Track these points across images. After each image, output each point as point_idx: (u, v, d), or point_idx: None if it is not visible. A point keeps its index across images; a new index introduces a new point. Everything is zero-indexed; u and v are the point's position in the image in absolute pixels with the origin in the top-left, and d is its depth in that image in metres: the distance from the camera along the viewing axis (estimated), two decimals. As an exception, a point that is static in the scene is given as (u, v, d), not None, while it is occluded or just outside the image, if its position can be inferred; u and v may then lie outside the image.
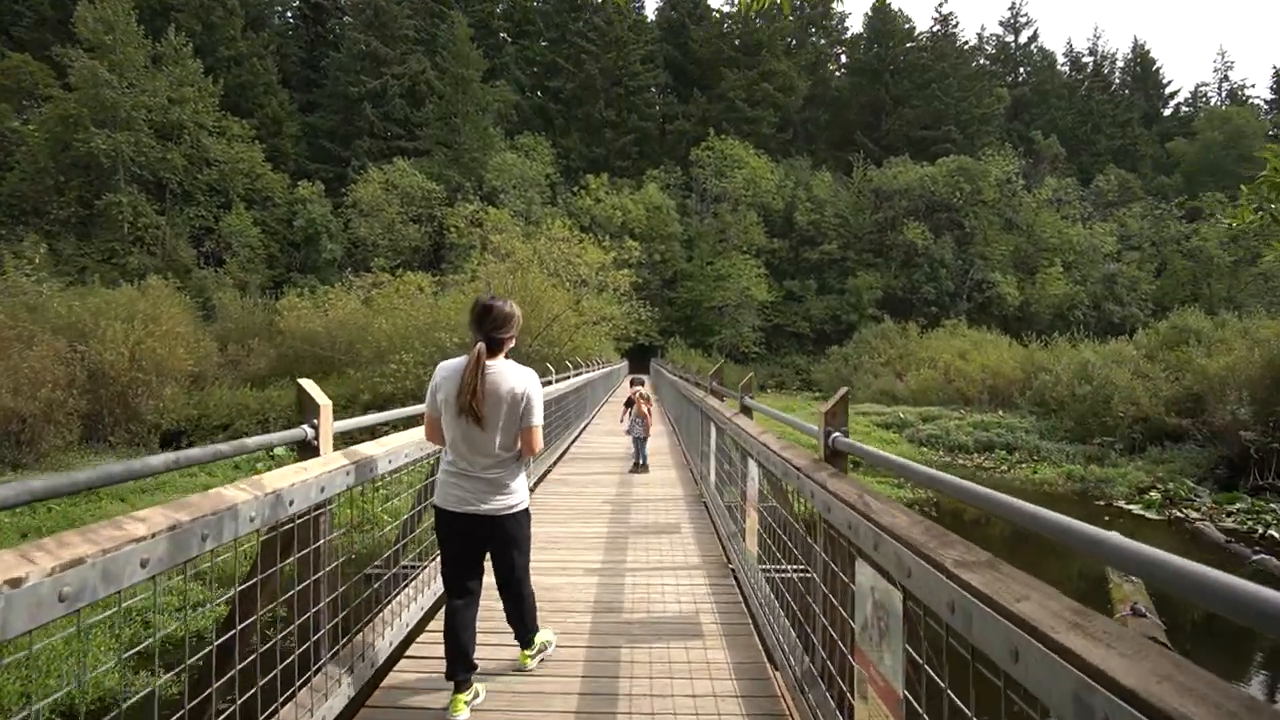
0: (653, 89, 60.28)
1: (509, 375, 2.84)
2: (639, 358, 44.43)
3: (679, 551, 4.84)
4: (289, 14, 64.30)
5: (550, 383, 9.82)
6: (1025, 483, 16.55)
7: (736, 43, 62.25)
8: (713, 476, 5.71)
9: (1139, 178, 59.37)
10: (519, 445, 2.90)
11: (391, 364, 16.39)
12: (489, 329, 2.85)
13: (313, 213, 43.57)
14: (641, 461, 8.31)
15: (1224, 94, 73.86)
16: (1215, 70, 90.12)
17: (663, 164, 54.83)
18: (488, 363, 2.81)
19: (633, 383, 8.81)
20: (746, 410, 4.49)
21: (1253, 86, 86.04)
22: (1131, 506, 13.81)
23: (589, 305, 19.95)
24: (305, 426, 2.75)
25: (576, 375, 11.29)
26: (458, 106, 51.22)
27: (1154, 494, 14.44)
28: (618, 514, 6.09)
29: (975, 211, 49.38)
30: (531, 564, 3.11)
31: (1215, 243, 49.01)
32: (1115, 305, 47.21)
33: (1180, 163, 60.50)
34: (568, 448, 9.22)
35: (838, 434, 2.70)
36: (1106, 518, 12.94)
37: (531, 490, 6.24)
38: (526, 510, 2.97)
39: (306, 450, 2.73)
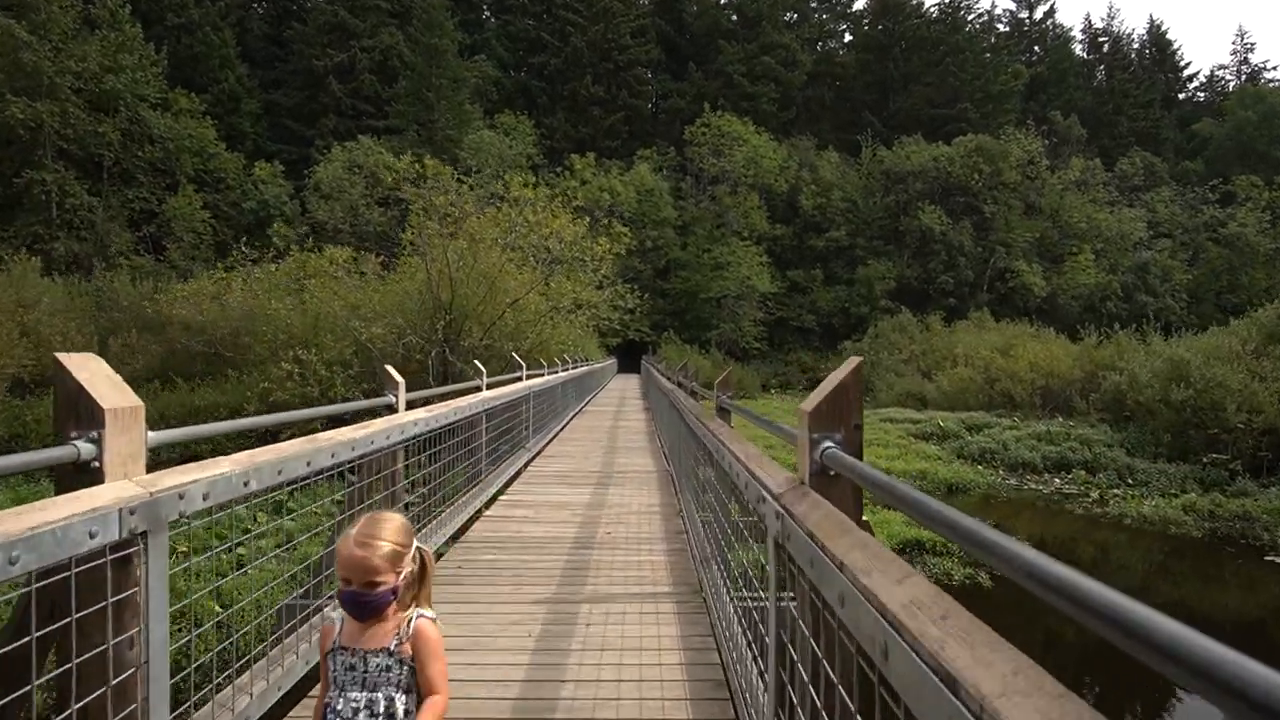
0: (644, 65, 55.92)
1: None
2: (629, 355, 40.29)
3: None
4: (252, -16, 59.60)
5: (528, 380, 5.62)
6: (1136, 521, 12.43)
7: (734, 17, 58.11)
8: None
9: (1163, 161, 55.56)
10: None
11: (284, 364, 12.11)
12: None
13: (265, 194, 39.13)
14: None
15: (1243, 77, 70.18)
16: (1234, 53, 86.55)
17: (655, 144, 50.60)
18: None
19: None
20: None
21: (1274, 69, 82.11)
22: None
23: (559, 288, 15.74)
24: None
25: (492, 391, 6.74)
26: (430, 80, 46.78)
27: (1338, 543, 10.37)
28: None
29: (994, 195, 45.35)
30: None
31: (1254, 228, 45.23)
32: (1148, 296, 43.29)
33: (1207, 145, 56.75)
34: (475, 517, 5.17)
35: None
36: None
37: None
38: None
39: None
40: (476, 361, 5.59)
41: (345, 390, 12.47)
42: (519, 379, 7.30)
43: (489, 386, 5.71)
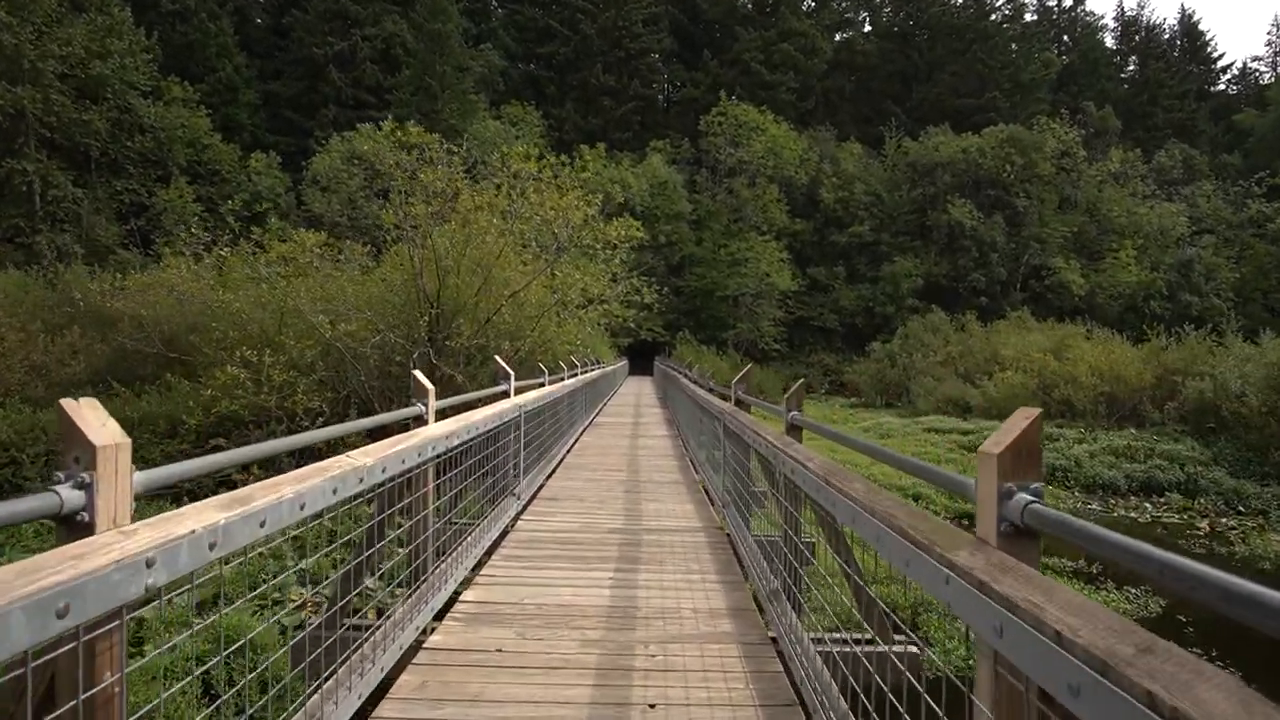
0: (656, 54, 53.67)
1: None
2: (640, 356, 38.08)
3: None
4: (252, -28, 57.67)
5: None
6: (1277, 563, 10.11)
7: (749, 5, 55.82)
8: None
9: (1201, 155, 52.85)
10: None
11: (230, 367, 9.97)
12: None
13: (258, 186, 37.22)
14: None
15: (1279, 68, 67.29)
16: (1269, 44, 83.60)
17: (668, 136, 48.32)
18: None
19: None
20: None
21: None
22: None
23: (566, 279, 13.58)
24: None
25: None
26: (434, 68, 44.75)
27: None
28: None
29: (1028, 189, 42.85)
30: None
31: (1306, 224, 42.60)
32: (1193, 295, 40.65)
33: (1246, 138, 53.98)
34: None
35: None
36: None
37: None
38: None
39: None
40: (417, 373, 3.38)
41: (308, 400, 10.35)
42: (505, 393, 5.10)
43: (441, 414, 3.44)
